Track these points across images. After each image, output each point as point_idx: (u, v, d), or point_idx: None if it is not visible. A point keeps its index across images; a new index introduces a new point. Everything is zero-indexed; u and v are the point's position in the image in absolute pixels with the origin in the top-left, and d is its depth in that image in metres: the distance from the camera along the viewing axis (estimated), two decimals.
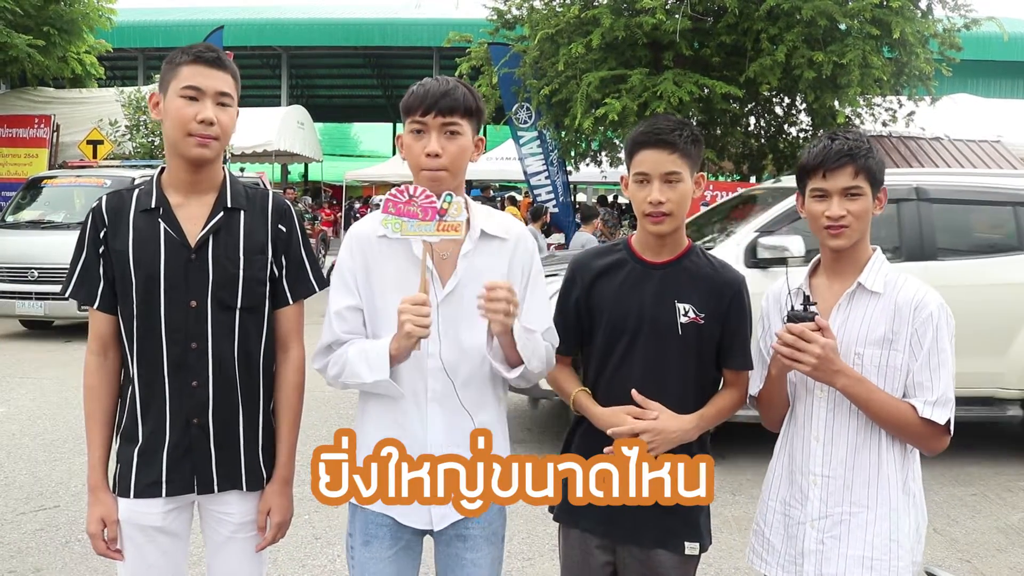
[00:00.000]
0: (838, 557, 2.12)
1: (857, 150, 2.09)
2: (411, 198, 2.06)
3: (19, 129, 17.26)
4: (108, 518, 2.18)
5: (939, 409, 2.06)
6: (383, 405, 2.17)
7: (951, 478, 5.78)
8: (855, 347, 2.11)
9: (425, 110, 2.09)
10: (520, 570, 4.18)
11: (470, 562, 2.21)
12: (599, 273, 2.33)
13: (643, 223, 2.24)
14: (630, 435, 2.18)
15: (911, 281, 2.14)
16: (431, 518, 2.17)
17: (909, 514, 2.13)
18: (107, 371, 2.21)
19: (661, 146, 2.18)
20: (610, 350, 2.28)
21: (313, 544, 4.38)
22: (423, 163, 2.10)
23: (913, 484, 2.16)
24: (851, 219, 2.10)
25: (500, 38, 15.12)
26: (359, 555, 2.20)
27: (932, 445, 2.12)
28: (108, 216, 2.16)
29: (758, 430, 2.64)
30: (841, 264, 2.18)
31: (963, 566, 4.36)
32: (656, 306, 2.25)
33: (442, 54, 26.01)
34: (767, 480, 2.32)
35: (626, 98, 12.10)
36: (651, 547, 2.26)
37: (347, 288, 2.18)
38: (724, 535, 4.62)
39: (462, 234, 2.09)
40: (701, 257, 2.32)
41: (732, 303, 2.27)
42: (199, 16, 26.34)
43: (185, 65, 2.11)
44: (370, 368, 2.08)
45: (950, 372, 2.07)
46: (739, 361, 2.31)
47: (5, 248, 10.32)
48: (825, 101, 12.72)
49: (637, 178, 2.21)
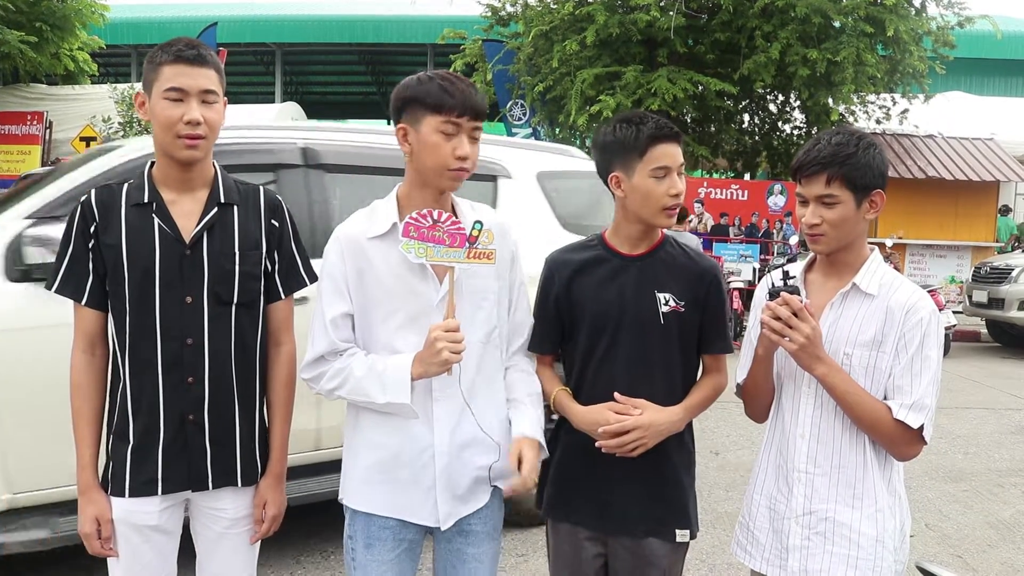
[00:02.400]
0: (823, 554, 2.11)
1: (833, 157, 2.02)
2: (435, 223, 2.02)
3: (11, 126, 17.18)
4: (102, 517, 2.16)
5: (914, 413, 2.02)
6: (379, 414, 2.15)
7: (943, 474, 5.81)
8: (844, 347, 2.09)
9: (462, 111, 2.04)
10: (514, 566, 4.18)
11: (472, 557, 2.22)
12: (576, 270, 2.32)
13: (658, 219, 2.22)
14: (618, 433, 2.17)
15: (906, 285, 2.12)
16: (438, 516, 2.16)
17: (895, 515, 2.12)
18: (95, 369, 2.18)
19: (676, 139, 2.21)
20: (593, 346, 2.28)
21: (306, 542, 4.38)
22: (452, 164, 2.05)
23: (899, 485, 2.15)
24: (826, 227, 2.06)
25: (494, 35, 15.12)
26: (361, 557, 2.17)
27: (904, 450, 2.08)
28: (98, 210, 2.13)
29: (752, 426, 2.65)
30: (835, 264, 2.16)
31: (954, 562, 4.37)
32: (637, 298, 2.25)
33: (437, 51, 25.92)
34: (754, 473, 2.32)
35: (620, 95, 12.12)
36: (642, 536, 2.26)
37: (340, 294, 2.12)
38: (717, 530, 4.63)
39: (495, 261, 2.09)
40: (676, 247, 2.32)
41: (710, 289, 2.28)
42: (192, 12, 26.22)
43: (166, 65, 2.08)
44: (385, 390, 2.04)
45: (932, 380, 2.04)
46: (719, 345, 2.32)
47: None
48: (819, 98, 12.77)
49: (657, 172, 2.18)
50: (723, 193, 14.66)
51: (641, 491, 2.26)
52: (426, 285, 2.11)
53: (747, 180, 16.24)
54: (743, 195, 14.67)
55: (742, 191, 14.75)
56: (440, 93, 2.03)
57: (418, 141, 2.06)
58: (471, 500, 2.20)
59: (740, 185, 15.12)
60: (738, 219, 14.47)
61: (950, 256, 14.03)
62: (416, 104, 2.06)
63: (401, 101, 2.10)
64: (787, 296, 2.03)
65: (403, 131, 2.09)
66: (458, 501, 2.17)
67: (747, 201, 14.62)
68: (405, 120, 2.09)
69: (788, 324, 2.02)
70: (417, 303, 2.11)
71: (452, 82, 2.06)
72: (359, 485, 2.18)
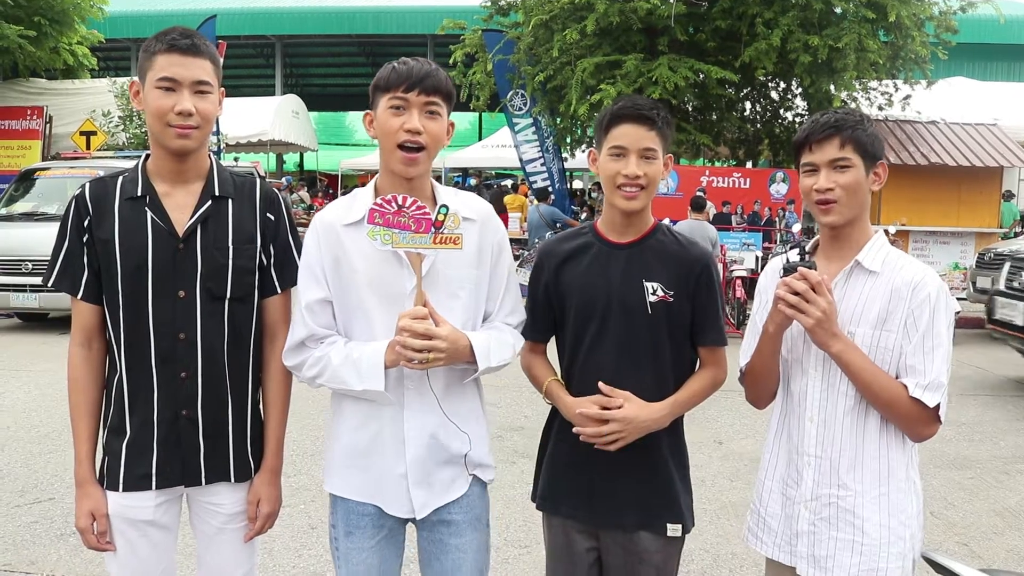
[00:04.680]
0: (828, 540, 2.10)
1: (843, 122, 2.06)
2: (400, 208, 2.02)
3: (11, 121, 17.20)
4: (97, 512, 2.16)
5: (930, 392, 2.01)
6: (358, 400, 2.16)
7: (948, 461, 5.79)
8: (848, 326, 2.07)
9: (409, 87, 2.06)
10: (516, 557, 4.17)
11: (454, 547, 2.21)
12: (565, 258, 2.31)
13: (614, 198, 2.20)
14: (597, 422, 2.16)
15: (912, 263, 2.10)
16: (412, 506, 2.16)
17: (910, 501, 2.09)
18: (92, 363, 2.18)
19: (641, 121, 2.16)
20: (581, 334, 2.26)
21: (309, 534, 4.37)
22: (401, 138, 2.06)
23: (912, 471, 2.13)
24: (840, 192, 2.06)
25: (494, 24, 15.07)
26: (342, 545, 2.20)
27: (920, 430, 2.07)
28: (92, 204, 2.12)
29: (756, 415, 2.63)
30: (839, 244, 2.14)
31: (960, 549, 4.36)
32: (624, 286, 2.22)
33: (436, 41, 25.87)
34: (764, 459, 2.29)
35: (621, 84, 12.07)
36: (633, 530, 2.25)
37: (316, 280, 2.14)
38: (722, 521, 4.62)
39: (461, 246, 2.07)
40: (668, 235, 2.29)
41: (700, 279, 2.24)
42: (192, 5, 26.19)
43: (160, 54, 2.06)
44: (360, 377, 2.06)
45: (944, 357, 2.03)
46: (712, 337, 2.28)
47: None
48: (821, 85, 12.70)
49: (613, 152, 2.18)
50: (725, 181, 14.61)
51: (630, 483, 2.24)
52: (400, 272, 2.10)
53: (749, 168, 16.20)
54: (745, 183, 14.62)
55: (744, 179, 14.70)
56: (389, 72, 2.09)
57: (377, 125, 2.12)
58: (450, 489, 2.19)
59: (742, 173, 15.07)
60: (740, 207, 14.43)
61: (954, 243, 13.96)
62: (375, 90, 2.12)
63: (370, 92, 2.15)
64: (805, 271, 2.01)
65: (369, 118, 2.14)
66: (432, 490, 2.17)
67: (749, 189, 14.57)
68: (371, 108, 2.14)
69: (805, 298, 1.99)
70: (392, 290, 2.11)
71: (405, 62, 2.10)
72: (339, 470, 2.21)
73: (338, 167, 27.05)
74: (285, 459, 2.38)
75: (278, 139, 21.17)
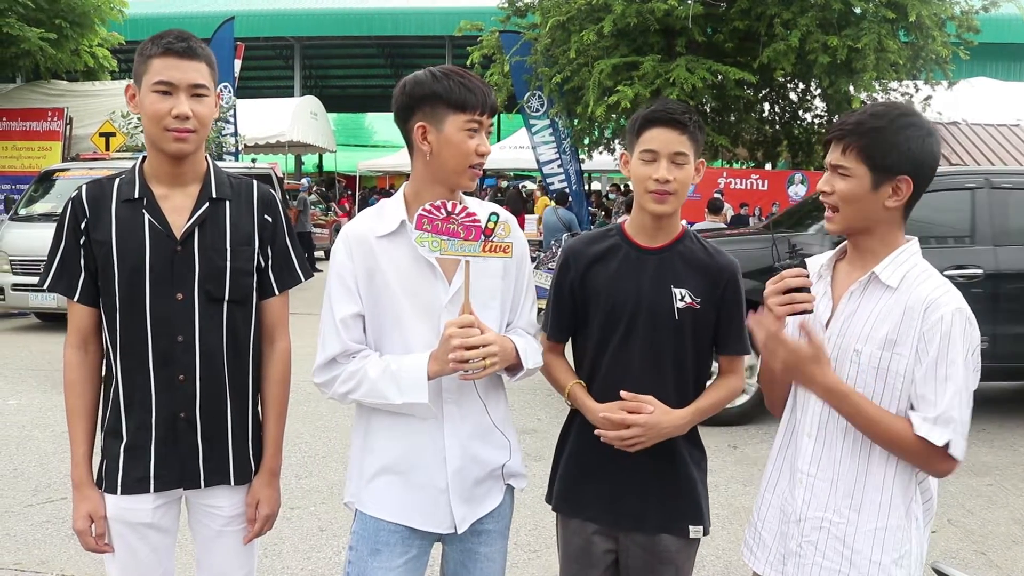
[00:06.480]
0: (812, 565, 1.96)
1: (857, 127, 1.88)
2: (449, 215, 1.97)
3: (33, 122, 17.33)
4: (95, 514, 2.15)
5: (939, 428, 1.81)
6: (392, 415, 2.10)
7: (966, 468, 5.69)
8: (855, 343, 1.91)
9: (483, 110, 2.04)
10: (527, 562, 4.14)
11: (484, 556, 2.19)
12: (594, 259, 2.29)
13: (644, 201, 2.19)
14: (619, 425, 2.16)
15: (932, 279, 1.89)
16: (453, 521, 2.12)
17: (907, 539, 1.91)
18: (88, 365, 2.17)
19: (673, 125, 2.14)
20: (607, 337, 2.24)
21: (319, 536, 4.36)
22: (474, 160, 2.06)
23: (915, 506, 1.93)
24: (836, 199, 1.92)
25: (511, 26, 15.08)
26: (367, 564, 2.12)
27: (933, 467, 1.88)
28: (88, 205, 2.12)
29: (770, 419, 2.59)
30: (859, 253, 1.99)
31: (977, 558, 4.28)
32: (653, 291, 2.21)
33: (454, 43, 25.94)
34: (766, 471, 2.19)
35: (638, 85, 12.03)
36: (655, 532, 2.25)
37: (349, 293, 2.07)
38: (735, 526, 4.57)
39: (511, 255, 2.05)
40: (695, 242, 2.29)
41: (727, 288, 2.24)
42: (211, 7, 26.37)
43: (156, 58, 2.04)
44: (401, 390, 2.01)
45: (958, 388, 1.81)
46: (734, 347, 2.28)
47: (18, 241, 10.36)
48: (840, 86, 12.60)
49: (645, 156, 2.16)
50: (743, 183, 14.51)
51: (654, 487, 2.24)
52: (435, 283, 2.08)
53: (767, 170, 16.08)
54: (763, 185, 14.51)
55: (762, 181, 14.59)
56: (463, 91, 2.02)
57: (440, 139, 2.03)
58: (486, 501, 2.18)
59: (760, 175, 14.96)
60: (758, 209, 14.31)
61: None
62: (437, 102, 2.03)
63: (416, 99, 2.05)
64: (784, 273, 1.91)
65: (423, 129, 2.04)
66: (473, 503, 2.14)
67: (767, 191, 14.45)
68: (422, 118, 2.04)
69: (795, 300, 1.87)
70: (427, 302, 2.08)
71: (471, 79, 2.06)
72: (369, 489, 2.14)
73: (356, 168, 27.16)
74: (296, 461, 2.37)
75: (296, 140, 21.28)
